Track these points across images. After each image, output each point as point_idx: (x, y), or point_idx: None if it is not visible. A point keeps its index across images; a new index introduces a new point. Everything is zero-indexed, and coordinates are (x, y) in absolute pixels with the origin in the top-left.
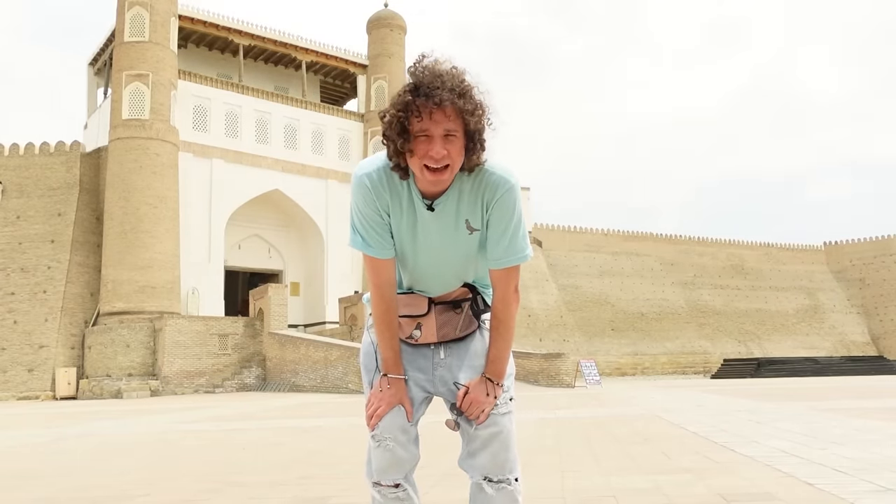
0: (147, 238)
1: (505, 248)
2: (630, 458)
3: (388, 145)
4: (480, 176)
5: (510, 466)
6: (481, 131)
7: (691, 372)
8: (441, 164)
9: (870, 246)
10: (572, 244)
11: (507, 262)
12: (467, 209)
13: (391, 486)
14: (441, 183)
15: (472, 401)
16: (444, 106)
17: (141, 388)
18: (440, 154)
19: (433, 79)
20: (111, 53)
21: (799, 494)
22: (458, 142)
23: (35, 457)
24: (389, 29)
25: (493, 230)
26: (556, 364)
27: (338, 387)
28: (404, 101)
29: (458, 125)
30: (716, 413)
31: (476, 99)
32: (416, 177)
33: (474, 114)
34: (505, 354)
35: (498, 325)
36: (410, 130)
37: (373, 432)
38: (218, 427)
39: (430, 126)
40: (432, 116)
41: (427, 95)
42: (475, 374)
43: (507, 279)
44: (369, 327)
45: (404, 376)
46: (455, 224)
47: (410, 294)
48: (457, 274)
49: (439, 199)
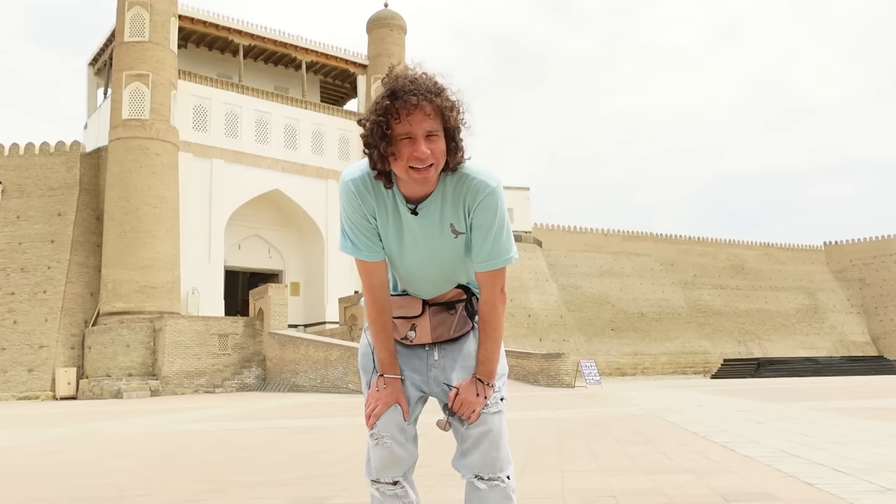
0: (147, 238)
1: (489, 251)
2: (630, 458)
3: (371, 152)
4: (462, 180)
5: (501, 465)
6: (459, 129)
7: (691, 372)
8: (426, 163)
9: (870, 246)
10: (572, 244)
11: (491, 265)
12: (451, 213)
13: (389, 484)
14: (427, 181)
15: (463, 401)
16: (422, 106)
17: (141, 388)
18: (424, 154)
19: (408, 83)
20: (111, 53)
21: (799, 494)
22: (440, 140)
23: (35, 457)
24: (389, 29)
25: (477, 233)
26: (556, 364)
27: (338, 387)
28: (383, 107)
29: (438, 124)
30: (716, 413)
31: (451, 98)
32: (401, 180)
33: (452, 110)
34: (494, 355)
35: (485, 326)
36: (392, 135)
37: (371, 431)
38: (218, 427)
39: (412, 127)
40: (412, 117)
41: (405, 98)
42: (468, 375)
43: (493, 281)
44: (366, 329)
45: (400, 376)
46: (440, 228)
47: (405, 296)
48: (446, 276)
49: (423, 204)
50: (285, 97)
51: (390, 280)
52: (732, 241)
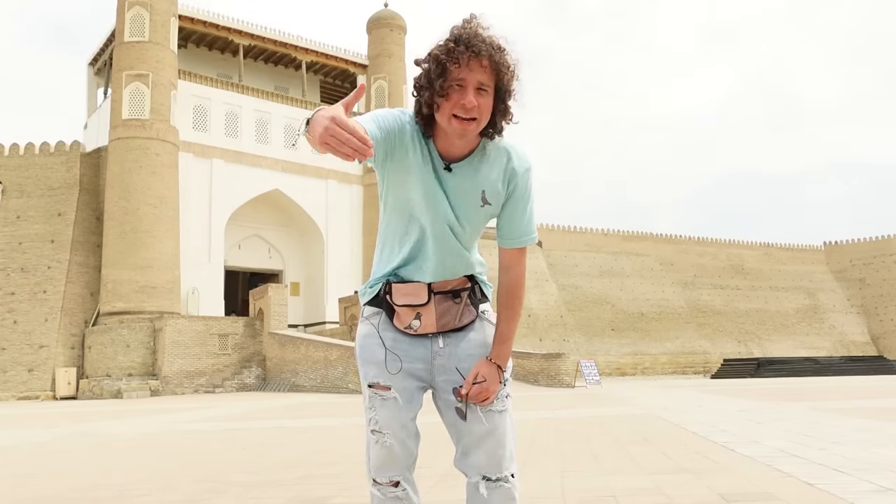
0: (147, 238)
1: (524, 226)
2: (630, 458)
3: (422, 94)
4: (506, 151)
5: (507, 463)
6: (511, 93)
7: (691, 372)
8: (471, 114)
9: (870, 246)
10: (572, 244)
11: (524, 241)
12: (485, 180)
13: (391, 485)
14: (466, 134)
15: (482, 388)
16: (481, 56)
17: (141, 388)
18: (472, 103)
19: (474, 35)
20: (111, 53)
21: (799, 494)
22: (489, 98)
23: (35, 457)
24: (389, 29)
25: (515, 207)
26: (556, 364)
27: (338, 387)
28: (446, 48)
29: (490, 80)
30: (716, 413)
31: (510, 60)
32: (440, 134)
33: (508, 70)
34: (513, 335)
35: (514, 301)
36: (448, 77)
37: (371, 427)
38: (218, 427)
39: (467, 75)
40: (469, 64)
41: (467, 45)
42: (474, 363)
43: (521, 259)
44: (365, 317)
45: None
46: (470, 191)
47: (409, 283)
48: (457, 252)
49: (458, 164)
50: (285, 97)
51: (395, 259)
52: (732, 241)
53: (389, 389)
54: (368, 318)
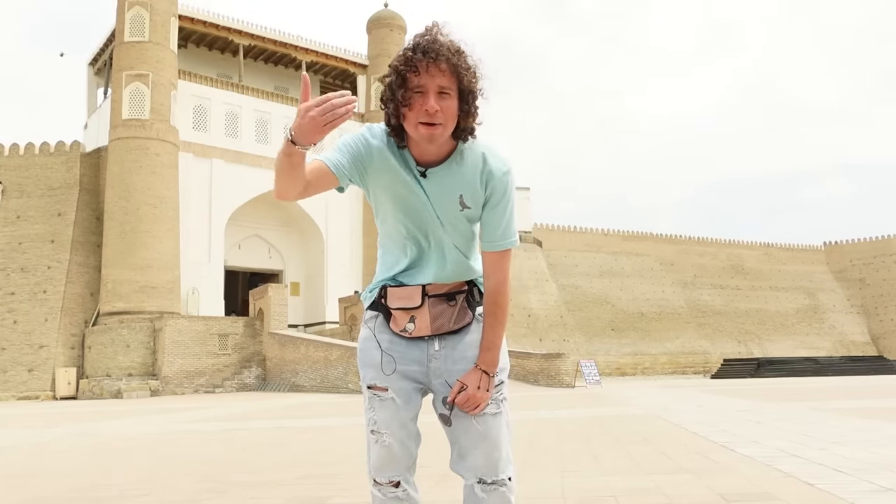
0: (147, 238)
1: (503, 230)
2: (630, 458)
3: (388, 106)
4: (481, 155)
5: (503, 466)
6: (475, 94)
7: (691, 372)
8: (435, 119)
9: (870, 246)
10: (572, 244)
11: (503, 245)
12: (462, 184)
13: (391, 486)
14: (434, 140)
15: (469, 396)
16: (439, 61)
17: (141, 388)
18: (433, 108)
19: (433, 41)
20: (111, 53)
21: (799, 494)
22: (452, 101)
23: (35, 457)
24: (389, 29)
25: (493, 211)
26: (556, 364)
27: (338, 387)
28: (405, 57)
29: (452, 83)
30: (716, 413)
31: (469, 61)
32: (412, 138)
33: (468, 71)
34: (500, 342)
35: (496, 309)
36: (408, 87)
37: (371, 428)
38: (218, 427)
39: (427, 81)
40: (429, 70)
41: (424, 52)
42: (470, 366)
43: (503, 263)
44: (365, 321)
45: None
46: (449, 195)
47: (404, 286)
48: (455, 258)
49: (434, 169)
50: (285, 97)
51: (396, 266)
52: (732, 241)
53: (387, 390)
54: (367, 321)
